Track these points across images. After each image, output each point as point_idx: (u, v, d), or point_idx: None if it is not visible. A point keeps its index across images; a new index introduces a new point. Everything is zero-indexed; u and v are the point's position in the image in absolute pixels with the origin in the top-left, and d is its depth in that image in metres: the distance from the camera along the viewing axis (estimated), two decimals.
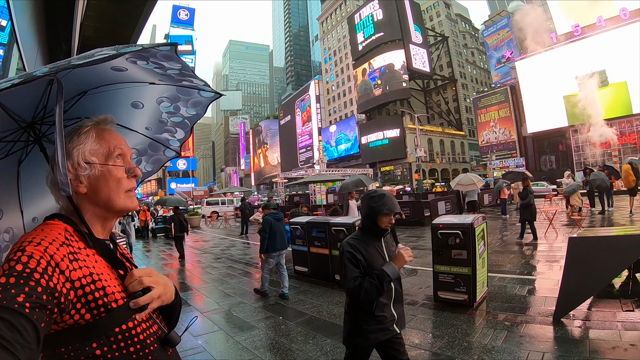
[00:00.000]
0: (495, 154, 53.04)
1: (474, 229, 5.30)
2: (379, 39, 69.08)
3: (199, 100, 1.41)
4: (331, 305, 6.05)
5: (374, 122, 70.21)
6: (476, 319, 4.97)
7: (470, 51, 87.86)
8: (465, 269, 5.35)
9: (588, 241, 4.97)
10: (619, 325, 4.39)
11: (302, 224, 8.14)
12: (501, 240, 11.15)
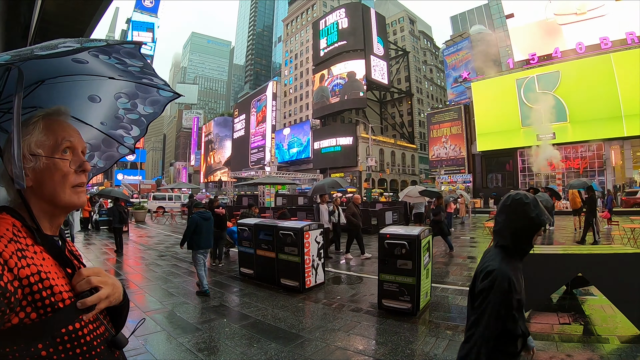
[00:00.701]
0: (444, 169, 54.21)
1: (420, 241, 5.56)
2: (341, 47, 69.26)
3: (157, 99, 1.37)
4: (276, 309, 6.06)
5: (328, 129, 70.22)
6: (419, 327, 5.13)
7: (429, 68, 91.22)
8: (409, 278, 5.54)
9: (529, 257, 4.58)
10: (557, 337, 4.69)
11: (250, 226, 8.13)
12: (445, 252, 11.47)
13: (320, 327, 5.26)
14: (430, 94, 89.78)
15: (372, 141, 53.13)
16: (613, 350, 4.41)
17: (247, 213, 11.19)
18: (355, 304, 6.27)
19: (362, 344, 4.66)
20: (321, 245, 7.61)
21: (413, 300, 5.53)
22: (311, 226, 7.41)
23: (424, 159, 74.20)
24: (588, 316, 5.60)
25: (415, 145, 78.63)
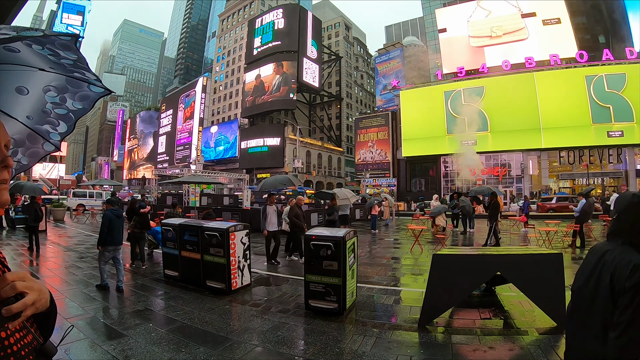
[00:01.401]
0: (369, 172, 54.88)
1: (345, 242, 5.62)
2: (275, 47, 68.09)
3: (88, 95, 1.32)
4: (203, 312, 5.91)
5: (256, 128, 68.93)
6: (346, 327, 5.21)
7: (360, 74, 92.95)
8: (335, 279, 5.60)
9: (451, 258, 5.71)
10: (479, 331, 4.97)
11: (175, 226, 7.86)
12: (370, 253, 11.82)
13: (248, 329, 5.20)
14: (360, 99, 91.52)
15: (300, 143, 54.10)
16: (532, 341, 4.72)
17: (172, 213, 11.07)
18: (282, 304, 6.29)
19: (291, 345, 4.67)
20: (247, 246, 7.44)
21: (339, 300, 5.60)
22: (237, 227, 7.23)
23: (350, 162, 75.27)
24: (507, 311, 5.90)
25: (342, 149, 79.63)
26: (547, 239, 13.02)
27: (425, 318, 5.21)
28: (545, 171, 42.90)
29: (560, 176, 43.73)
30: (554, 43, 47.41)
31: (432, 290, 5.29)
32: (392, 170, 54.30)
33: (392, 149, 54.52)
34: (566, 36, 48.81)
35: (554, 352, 4.39)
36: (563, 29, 49.21)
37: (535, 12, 50.34)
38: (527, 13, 50.61)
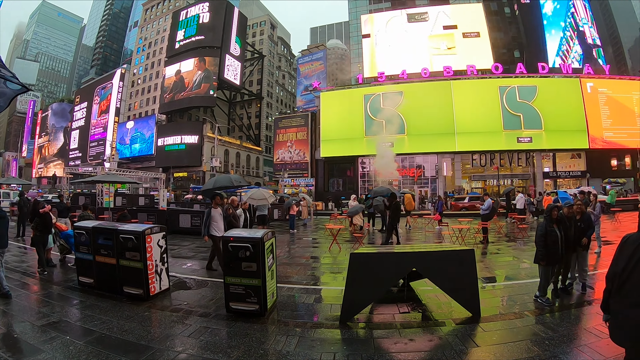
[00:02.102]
0: (287, 172, 54.18)
1: (264, 243, 5.62)
2: (198, 41, 65.22)
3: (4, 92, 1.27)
4: (122, 320, 5.60)
5: (174, 125, 65.60)
6: (269, 327, 5.25)
7: (282, 74, 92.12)
8: (255, 280, 5.58)
9: (368, 256, 5.90)
10: (399, 325, 5.27)
11: (88, 230, 7.34)
12: (289, 253, 11.82)
13: (169, 335, 5.03)
14: (280, 99, 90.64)
15: (218, 141, 52.18)
16: (450, 331, 5.07)
17: (85, 215, 10.38)
18: (203, 308, 6.15)
19: (214, 349, 4.60)
20: (164, 249, 7.16)
21: (260, 302, 5.60)
22: (153, 229, 6.95)
23: (268, 161, 74.18)
24: (425, 305, 6.25)
25: (261, 148, 78.16)
26: (460, 236, 13.65)
27: (346, 315, 5.38)
28: (458, 172, 45.35)
29: (473, 177, 46.21)
30: (472, 54, 50.05)
31: (351, 287, 5.45)
32: (311, 170, 54.00)
33: (310, 149, 54.31)
34: (484, 49, 51.83)
35: (470, 340, 4.76)
36: (481, 42, 52.36)
37: (456, 24, 52.84)
38: (448, 25, 52.84)
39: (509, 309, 6.10)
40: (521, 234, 15.63)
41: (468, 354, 4.45)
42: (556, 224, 6.37)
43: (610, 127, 47.20)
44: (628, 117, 47.67)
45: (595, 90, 47.90)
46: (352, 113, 47.74)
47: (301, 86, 65.22)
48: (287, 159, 56.20)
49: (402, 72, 47.42)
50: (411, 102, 45.18)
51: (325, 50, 62.35)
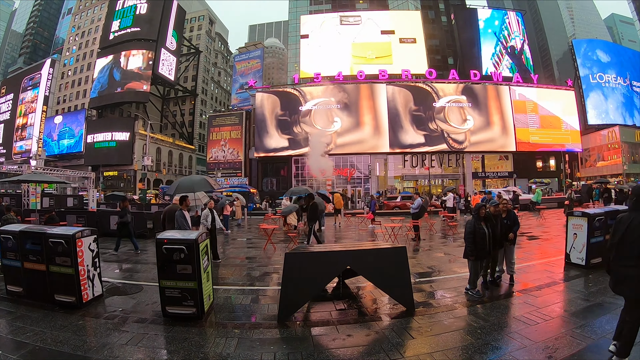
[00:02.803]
0: (221, 171, 52.87)
1: (199, 245, 5.50)
2: (133, 33, 62.22)
3: None
4: (55, 330, 5.28)
5: (105, 121, 62.20)
6: (207, 330, 5.18)
7: (218, 71, 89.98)
8: (191, 283, 5.46)
9: (303, 255, 6.14)
10: (336, 322, 5.35)
11: (15, 234, 6.76)
12: (224, 254, 11.51)
13: (106, 344, 4.78)
14: (215, 96, 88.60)
15: (151, 139, 49.58)
16: (386, 325, 5.22)
17: (9, 218, 9.66)
18: (138, 314, 5.88)
19: (154, 356, 4.52)
20: (96, 253, 6.72)
21: (197, 305, 5.48)
22: (84, 232, 6.47)
23: (201, 160, 72.12)
24: (360, 301, 6.43)
25: (194, 147, 76.07)
26: (393, 233, 13.88)
27: (284, 314, 5.44)
28: (391, 172, 46.56)
29: (405, 177, 47.08)
30: (408, 59, 51.48)
31: (288, 287, 5.52)
32: (244, 169, 53.34)
33: (244, 148, 53.61)
34: (419, 55, 53.26)
35: (406, 333, 4.96)
36: (417, 48, 53.76)
37: (394, 30, 53.89)
38: (386, 30, 53.71)
39: (442, 302, 6.37)
40: (451, 231, 16.21)
41: (405, 346, 4.62)
42: (484, 221, 6.68)
43: (536, 131, 50.49)
44: (553, 122, 51.46)
45: (523, 97, 50.64)
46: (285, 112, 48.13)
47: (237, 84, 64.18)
48: (220, 158, 55.01)
49: (338, 74, 47.78)
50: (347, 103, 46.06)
51: (263, 49, 61.79)
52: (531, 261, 9.48)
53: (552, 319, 5.46)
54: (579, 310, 5.76)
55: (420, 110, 46.98)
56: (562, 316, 5.62)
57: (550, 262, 9.28)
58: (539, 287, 7.12)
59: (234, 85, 68.09)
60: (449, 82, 48.52)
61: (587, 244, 8.17)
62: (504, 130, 48.60)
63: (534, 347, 4.46)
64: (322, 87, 47.29)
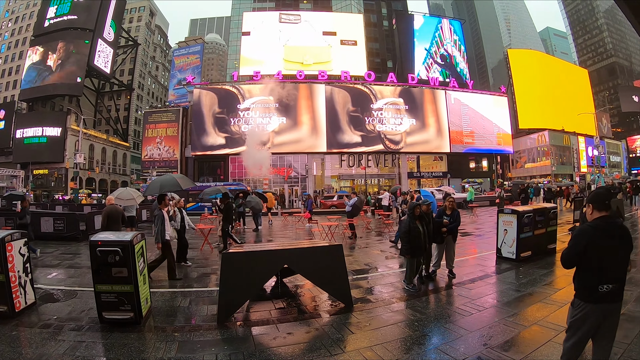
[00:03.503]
0: (156, 170, 50.65)
1: (134, 246, 5.36)
2: (70, 21, 58.68)
3: None
4: None
5: (35, 115, 58.38)
6: (146, 335, 5.03)
7: (156, 65, 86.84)
8: (127, 286, 5.32)
9: (240, 255, 6.13)
10: (275, 320, 5.40)
11: None
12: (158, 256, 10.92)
13: (43, 355, 4.51)
14: (152, 91, 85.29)
15: (83, 135, 47.93)
16: (325, 322, 5.29)
17: None
18: (75, 322, 5.58)
19: None
20: (27, 258, 6.27)
21: (135, 309, 5.29)
22: (13, 235, 6.01)
23: (136, 158, 68.83)
24: (299, 299, 6.52)
25: (129, 144, 72.19)
26: (330, 232, 14.07)
27: (223, 315, 5.38)
28: (327, 172, 47.25)
29: (342, 177, 47.84)
30: (348, 61, 52.34)
31: (226, 287, 5.49)
32: (180, 168, 51.64)
33: (180, 146, 52.25)
34: (359, 57, 54.20)
35: (346, 329, 5.05)
36: (358, 50, 54.53)
37: (335, 31, 54.52)
38: (328, 31, 54.25)
39: (379, 297, 6.48)
40: (387, 229, 16.63)
41: (345, 341, 4.68)
42: (419, 220, 6.90)
43: (469, 134, 52.59)
44: (486, 126, 54.18)
45: (458, 102, 52.72)
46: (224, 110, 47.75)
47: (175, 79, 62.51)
48: (155, 156, 53.25)
49: (277, 73, 47.83)
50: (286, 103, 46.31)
51: (203, 45, 60.47)
52: (465, 256, 9.87)
53: (486, 309, 5.72)
54: (511, 300, 6.11)
55: (358, 111, 47.96)
56: (495, 306, 5.89)
57: (483, 256, 9.81)
58: (473, 280, 7.47)
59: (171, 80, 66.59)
60: (387, 84, 49.94)
61: (517, 239, 8.71)
62: (439, 132, 50.68)
63: (470, 336, 4.67)
64: (261, 85, 47.20)
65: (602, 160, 70.70)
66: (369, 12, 63.87)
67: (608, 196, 3.29)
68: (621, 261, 3.10)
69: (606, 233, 3.06)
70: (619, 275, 3.08)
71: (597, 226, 3.11)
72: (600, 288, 3.02)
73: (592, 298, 3.06)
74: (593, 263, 3.06)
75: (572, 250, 3.14)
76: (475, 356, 4.15)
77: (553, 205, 11.00)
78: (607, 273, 3.03)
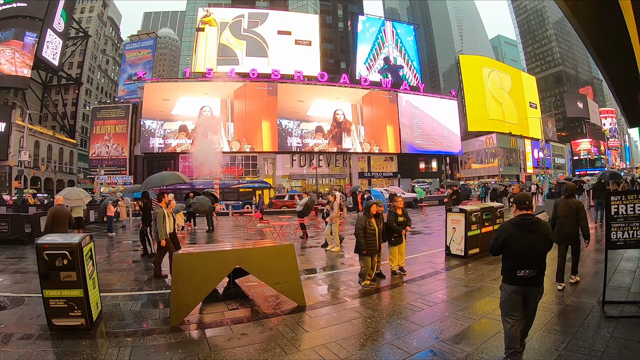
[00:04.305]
0: (104, 169, 49.22)
1: (82, 249, 5.16)
2: (19, 9, 55.11)
3: None
4: None
5: None
6: (99, 341, 4.87)
7: (107, 59, 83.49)
8: (76, 291, 5.11)
9: (191, 256, 5.99)
10: (229, 321, 5.35)
11: None
12: (109, 258, 11.09)
13: None
14: (101, 86, 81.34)
15: (29, 131, 45.37)
16: (279, 322, 5.28)
17: None
18: (23, 330, 5.27)
19: None
20: None
21: (85, 314, 5.08)
22: None
23: (83, 156, 65.45)
24: (252, 299, 6.45)
25: (76, 141, 67.98)
26: (281, 232, 14.24)
27: (176, 318, 5.31)
28: (279, 171, 47.24)
29: (293, 176, 48.06)
30: (301, 61, 52.70)
31: (178, 289, 5.43)
32: (129, 166, 50.25)
33: (129, 144, 50.67)
34: (313, 57, 54.54)
35: (300, 328, 5.07)
36: (312, 51, 54.89)
37: (290, 31, 54.70)
38: (283, 30, 54.25)
39: (332, 296, 6.62)
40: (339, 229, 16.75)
41: (299, 340, 4.71)
42: (374, 218, 7.03)
43: (420, 135, 54.31)
44: (436, 128, 56.57)
45: (410, 104, 54.25)
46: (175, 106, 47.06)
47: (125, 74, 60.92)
48: (104, 154, 51.40)
49: (230, 71, 47.63)
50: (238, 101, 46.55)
51: (156, 39, 58.68)
52: (415, 254, 10.01)
53: (436, 304, 5.91)
54: (461, 295, 6.32)
55: None
56: (445, 301, 6.07)
57: (433, 254, 10.03)
58: (423, 276, 7.64)
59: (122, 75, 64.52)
60: (339, 85, 50.74)
61: (465, 237, 8.97)
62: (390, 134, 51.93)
63: (422, 331, 4.85)
64: (213, 82, 46.90)
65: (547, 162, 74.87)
66: (325, 13, 64.69)
67: (528, 198, 3.89)
68: (537, 251, 3.68)
69: (523, 228, 3.69)
70: (536, 263, 3.65)
71: (516, 222, 3.75)
72: (519, 272, 3.63)
73: (513, 281, 3.68)
74: (512, 252, 3.70)
75: (494, 242, 3.82)
76: (428, 349, 4.32)
77: (500, 205, 11.57)
78: (523, 261, 3.63)
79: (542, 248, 3.72)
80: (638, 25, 4.41)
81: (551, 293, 6.02)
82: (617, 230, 5.10)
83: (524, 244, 3.65)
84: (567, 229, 6.30)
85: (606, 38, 6.17)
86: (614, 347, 4.10)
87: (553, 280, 6.32)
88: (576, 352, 4.00)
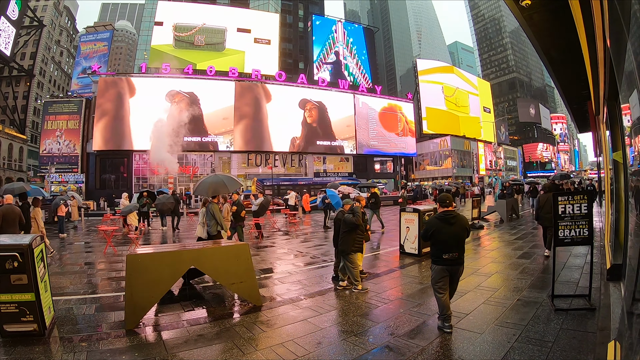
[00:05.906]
0: (55, 167, 47.27)
1: (33, 250, 4.94)
2: None
3: None
4: None
5: None
6: (53, 347, 4.73)
7: (61, 50, 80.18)
8: (28, 295, 4.90)
9: (146, 257, 5.90)
10: (185, 323, 5.35)
11: None
12: (61, 260, 10.71)
13: None
14: (54, 79, 77.55)
15: None
16: (236, 322, 5.37)
17: None
18: None
19: None
20: None
21: (38, 319, 4.90)
22: None
23: (34, 153, 62.04)
24: (208, 300, 6.58)
25: (26, 136, 64.18)
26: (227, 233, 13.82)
27: (131, 321, 5.25)
28: (234, 171, 46.99)
29: (248, 176, 47.57)
30: (260, 60, 53.13)
31: (132, 291, 5.37)
32: (81, 164, 48.15)
33: (82, 140, 48.51)
34: (272, 56, 54.96)
35: (256, 327, 5.13)
36: (271, 50, 55.24)
37: (250, 29, 54.74)
38: (242, 28, 54.29)
39: (288, 296, 6.66)
40: (293, 228, 17.33)
41: (257, 339, 4.75)
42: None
43: (376, 137, 55.86)
44: (392, 130, 58.52)
45: (366, 106, 55.56)
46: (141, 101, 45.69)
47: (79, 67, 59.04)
48: (55, 150, 48.83)
49: (187, 67, 47.14)
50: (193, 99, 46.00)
51: (113, 31, 56.57)
52: (370, 253, 10.24)
53: (391, 301, 6.09)
54: (415, 293, 6.56)
55: None
56: (400, 298, 6.25)
57: (387, 252, 10.38)
58: (378, 275, 7.91)
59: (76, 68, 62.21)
60: (297, 85, 51.47)
61: (418, 236, 9.23)
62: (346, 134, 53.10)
63: (378, 327, 5.06)
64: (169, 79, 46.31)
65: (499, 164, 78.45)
66: (285, 13, 65.10)
67: (449, 198, 4.94)
68: (457, 238, 4.71)
69: (445, 221, 4.73)
70: (457, 248, 4.68)
71: (440, 217, 4.81)
72: (444, 255, 4.64)
73: (440, 262, 4.69)
74: (439, 240, 4.71)
75: (424, 233, 4.88)
76: (384, 345, 4.49)
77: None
78: (447, 246, 4.65)
79: (461, 236, 4.76)
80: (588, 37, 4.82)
81: (503, 288, 6.56)
82: (564, 229, 5.58)
83: (447, 233, 4.68)
84: (545, 214, 8.43)
85: (559, 48, 6.56)
86: (563, 337, 4.42)
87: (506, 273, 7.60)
88: (528, 344, 4.29)
